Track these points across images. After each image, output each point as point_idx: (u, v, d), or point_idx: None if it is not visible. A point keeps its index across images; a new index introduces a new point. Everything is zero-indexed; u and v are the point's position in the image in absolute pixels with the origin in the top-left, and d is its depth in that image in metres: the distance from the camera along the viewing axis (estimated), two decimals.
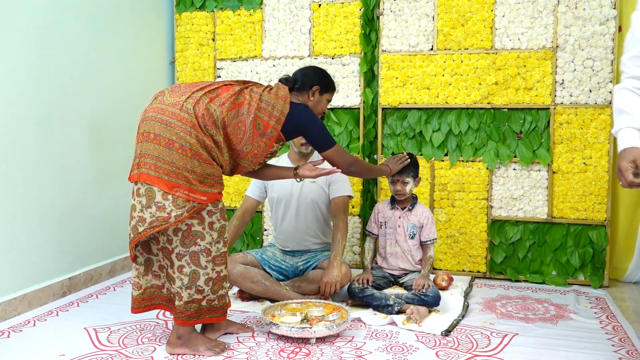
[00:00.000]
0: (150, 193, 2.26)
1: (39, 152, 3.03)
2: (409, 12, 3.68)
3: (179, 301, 2.34)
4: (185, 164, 2.25)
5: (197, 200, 2.27)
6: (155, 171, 2.25)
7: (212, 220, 2.34)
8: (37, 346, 2.48)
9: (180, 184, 2.25)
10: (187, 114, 2.27)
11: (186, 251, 2.31)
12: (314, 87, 2.65)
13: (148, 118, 2.31)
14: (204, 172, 2.29)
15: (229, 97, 2.36)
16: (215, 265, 2.37)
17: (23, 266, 2.95)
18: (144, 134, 2.30)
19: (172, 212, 2.24)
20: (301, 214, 3.19)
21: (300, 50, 3.90)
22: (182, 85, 2.43)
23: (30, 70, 2.96)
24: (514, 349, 2.46)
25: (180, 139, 2.25)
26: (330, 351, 2.42)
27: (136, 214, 2.30)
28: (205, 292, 2.35)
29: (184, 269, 2.32)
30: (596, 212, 3.46)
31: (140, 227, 2.28)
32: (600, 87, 3.42)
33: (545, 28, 3.48)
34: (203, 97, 2.33)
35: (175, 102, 2.31)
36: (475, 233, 3.63)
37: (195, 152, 2.26)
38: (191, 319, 2.36)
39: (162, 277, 2.46)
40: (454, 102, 3.63)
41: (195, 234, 2.31)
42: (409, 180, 3.10)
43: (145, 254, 2.43)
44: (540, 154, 3.50)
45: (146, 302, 2.47)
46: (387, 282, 3.13)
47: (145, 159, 2.28)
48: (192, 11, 4.11)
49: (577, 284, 3.50)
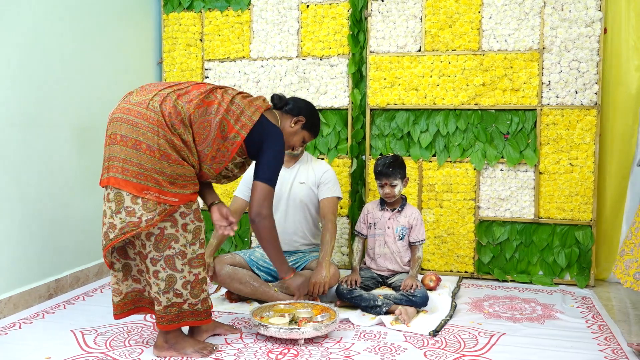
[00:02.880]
0: (119, 198, 2.19)
1: (25, 153, 3.00)
2: (396, 14, 3.70)
3: (158, 306, 2.29)
4: (154, 165, 2.17)
5: (168, 203, 2.19)
6: (123, 174, 2.17)
7: (185, 222, 2.26)
8: (23, 349, 2.46)
9: (149, 187, 2.17)
10: (153, 112, 2.19)
11: (160, 255, 2.24)
12: (300, 116, 2.61)
13: (115, 119, 2.23)
14: (174, 173, 2.20)
15: (199, 94, 2.28)
16: (192, 267, 2.29)
17: (8, 268, 2.92)
18: (111, 136, 2.22)
19: (142, 217, 2.17)
20: (290, 215, 3.19)
21: (289, 51, 3.90)
22: (151, 85, 2.34)
23: (15, 71, 2.93)
24: (501, 349, 2.47)
25: (147, 140, 2.17)
26: (318, 352, 2.42)
27: (107, 220, 2.23)
28: (185, 296, 2.29)
29: (159, 274, 2.25)
30: (582, 212, 3.49)
31: (111, 234, 2.21)
32: (586, 89, 3.45)
33: (532, 30, 3.51)
34: (171, 94, 2.24)
35: (142, 101, 2.22)
36: (462, 233, 3.65)
37: (163, 152, 2.18)
38: (172, 323, 2.30)
39: (142, 281, 2.39)
40: (442, 103, 3.65)
41: (169, 237, 2.24)
42: (396, 182, 3.11)
43: (122, 259, 2.36)
44: (527, 154, 3.53)
45: (128, 306, 2.40)
46: (376, 283, 3.14)
47: (113, 162, 2.20)
48: (179, 12, 4.10)
49: (563, 284, 3.53)
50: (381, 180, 3.11)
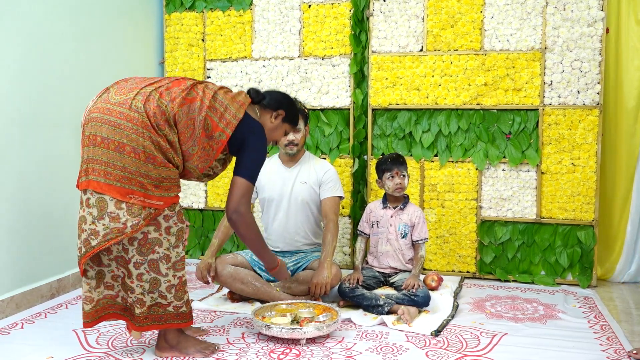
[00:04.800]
0: (101, 203, 2.10)
1: (26, 153, 3.00)
2: (398, 13, 3.69)
3: (141, 308, 2.22)
4: (139, 169, 2.08)
5: (153, 206, 2.12)
6: (106, 178, 2.08)
7: (168, 224, 2.19)
8: (25, 348, 2.46)
9: (134, 190, 2.08)
10: (137, 113, 2.08)
11: (144, 259, 2.17)
12: (280, 110, 2.51)
13: (93, 119, 2.11)
14: (159, 175, 2.12)
15: (181, 92, 2.17)
16: (176, 271, 2.23)
17: (10, 268, 2.92)
18: (90, 137, 2.11)
19: (127, 222, 2.09)
20: (292, 215, 3.19)
21: (290, 51, 3.90)
22: (129, 81, 2.23)
23: (17, 71, 2.93)
24: (503, 349, 2.47)
25: (131, 142, 2.07)
26: (320, 352, 2.42)
27: (87, 226, 2.14)
28: (169, 299, 2.25)
29: (143, 276, 2.19)
30: (584, 212, 3.49)
31: (94, 241, 2.12)
32: (588, 88, 3.45)
33: (534, 29, 3.50)
34: (153, 92, 2.14)
35: (123, 100, 2.11)
36: (464, 233, 3.65)
37: (149, 155, 2.09)
38: (156, 323, 2.24)
39: (115, 287, 2.29)
40: (444, 103, 3.64)
41: (153, 242, 2.17)
42: (406, 173, 3.15)
43: (96, 266, 2.25)
44: (529, 154, 3.52)
45: (99, 313, 2.28)
46: (378, 282, 3.14)
47: (93, 165, 2.10)
48: (181, 11, 4.10)
49: (565, 284, 3.52)
50: (392, 171, 3.11)
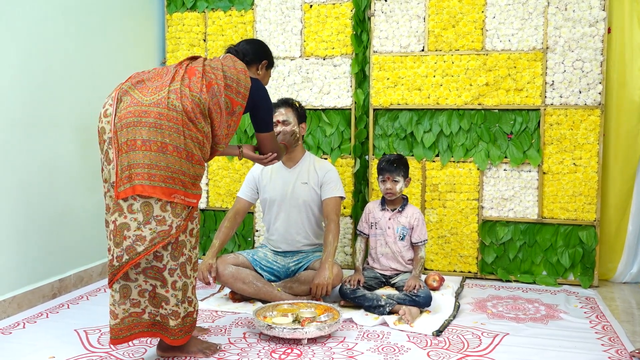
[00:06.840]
0: (146, 208, 2.10)
1: (28, 153, 3.01)
2: (400, 13, 3.69)
3: (176, 320, 2.20)
4: (181, 167, 2.12)
5: (190, 204, 2.16)
6: (150, 180, 2.08)
7: (192, 226, 2.23)
8: (26, 348, 2.46)
9: (177, 189, 2.11)
10: (175, 112, 2.11)
11: (177, 264, 2.18)
12: (263, 60, 2.57)
13: (129, 124, 2.11)
14: (195, 173, 2.18)
15: (201, 80, 2.20)
16: (194, 272, 2.28)
17: (12, 268, 2.92)
18: (127, 143, 2.10)
19: (173, 224, 2.11)
20: (293, 215, 3.18)
21: (292, 51, 3.90)
22: (145, 80, 2.21)
23: (17, 71, 2.94)
24: (504, 349, 2.47)
25: (173, 141, 2.11)
26: (321, 352, 2.42)
27: (131, 233, 2.10)
28: (194, 302, 2.28)
29: (177, 284, 2.19)
30: (586, 212, 3.48)
31: (140, 247, 2.09)
32: (590, 89, 3.44)
33: (536, 29, 3.50)
34: (182, 88, 2.16)
35: (157, 100, 2.13)
36: (466, 233, 3.64)
37: (189, 152, 2.14)
38: (188, 334, 2.26)
39: (142, 303, 2.22)
40: (445, 103, 3.64)
41: (181, 244, 2.19)
42: (399, 179, 3.11)
43: (122, 280, 2.19)
44: (531, 154, 3.52)
45: (124, 332, 2.21)
46: (379, 283, 3.14)
47: (136, 170, 2.09)
48: (183, 12, 4.10)
49: (567, 284, 3.52)
50: (383, 175, 3.11)
